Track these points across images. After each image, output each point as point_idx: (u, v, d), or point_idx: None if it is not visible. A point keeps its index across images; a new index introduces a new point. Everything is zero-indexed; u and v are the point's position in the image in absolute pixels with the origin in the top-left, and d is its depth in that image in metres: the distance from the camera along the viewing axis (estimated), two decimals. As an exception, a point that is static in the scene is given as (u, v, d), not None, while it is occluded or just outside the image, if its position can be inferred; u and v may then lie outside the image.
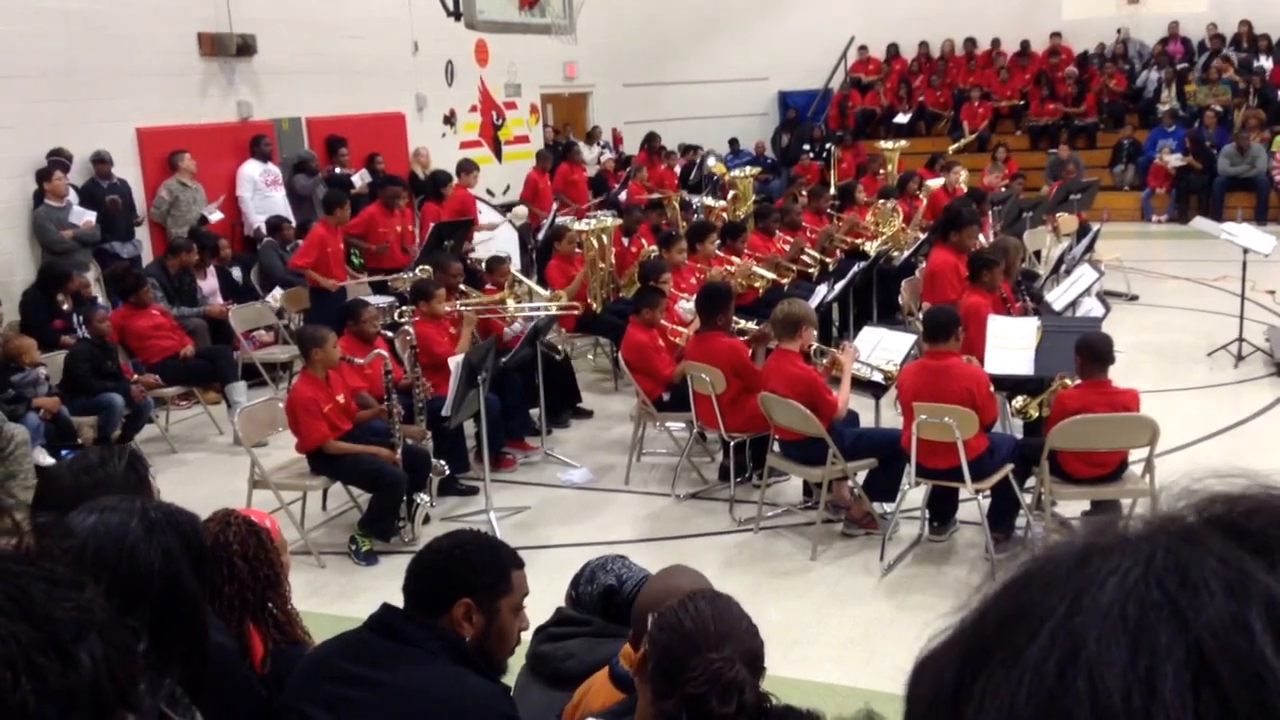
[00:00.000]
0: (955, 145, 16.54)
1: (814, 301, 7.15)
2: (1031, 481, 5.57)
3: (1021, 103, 18.27)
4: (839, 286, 8.12)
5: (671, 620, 2.02)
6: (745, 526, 6.06)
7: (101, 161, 9.73)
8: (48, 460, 6.50)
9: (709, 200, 11.86)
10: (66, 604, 0.78)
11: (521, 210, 11.95)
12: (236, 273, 9.91)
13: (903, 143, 13.73)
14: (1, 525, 0.83)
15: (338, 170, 12.00)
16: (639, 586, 2.96)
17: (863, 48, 19.87)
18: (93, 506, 1.70)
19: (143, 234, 10.26)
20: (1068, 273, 8.64)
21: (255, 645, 2.53)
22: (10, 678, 0.72)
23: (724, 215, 10.90)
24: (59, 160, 9.28)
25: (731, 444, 6.34)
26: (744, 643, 2.02)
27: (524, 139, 16.29)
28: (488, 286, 8.22)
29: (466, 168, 11.71)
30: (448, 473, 6.39)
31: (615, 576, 2.90)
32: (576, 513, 6.43)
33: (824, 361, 6.10)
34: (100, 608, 0.80)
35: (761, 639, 2.10)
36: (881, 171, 12.81)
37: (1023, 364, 5.97)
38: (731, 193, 11.92)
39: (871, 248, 9.68)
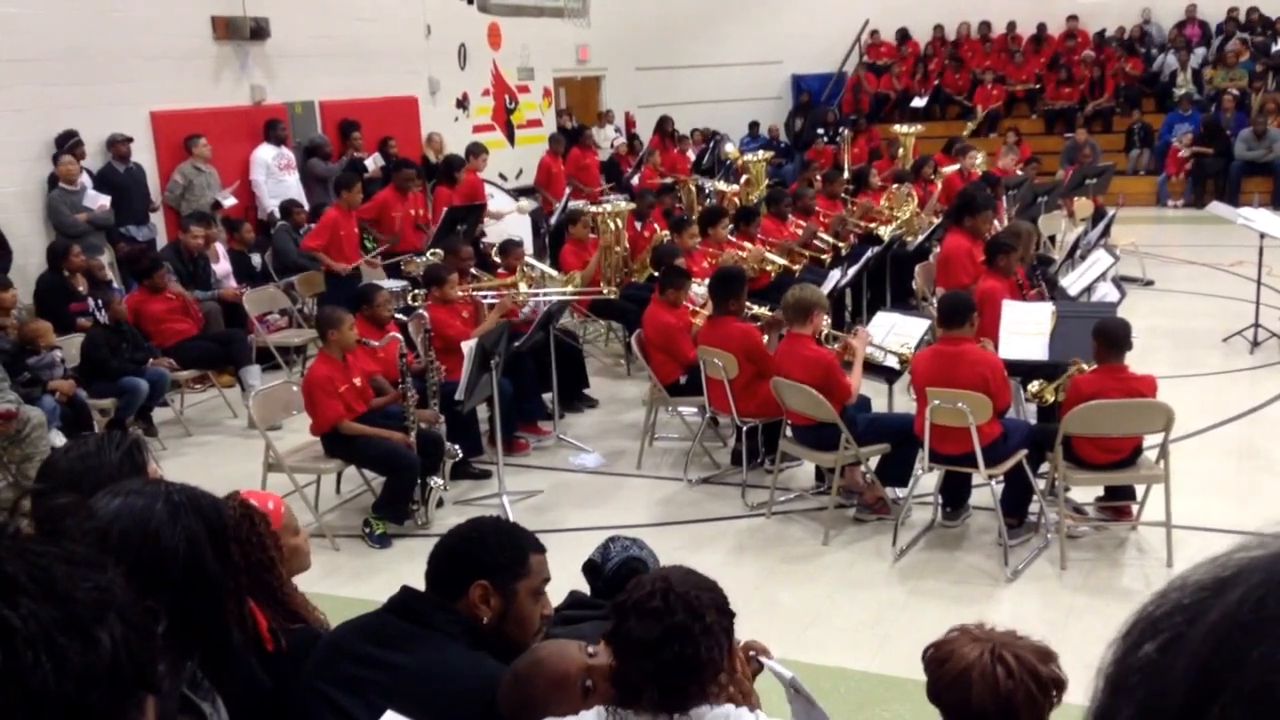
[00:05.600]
0: (968, 128, 16.42)
1: (827, 286, 7.13)
2: (1045, 467, 5.56)
3: (1037, 86, 18.16)
4: (852, 271, 8.09)
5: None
6: (757, 511, 6.07)
7: (119, 143, 9.74)
8: (63, 443, 6.53)
9: (721, 185, 11.82)
10: (87, 584, 0.78)
11: (526, 203, 11.90)
12: (256, 259, 9.93)
13: (918, 127, 13.65)
14: (3, 502, 0.83)
15: (353, 154, 12.00)
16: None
17: (874, 32, 19.76)
18: (117, 489, 1.71)
19: (157, 218, 10.29)
20: (1083, 258, 8.60)
21: (259, 621, 2.53)
22: (31, 656, 0.72)
23: (736, 200, 10.86)
24: (72, 144, 9.30)
25: (744, 429, 6.34)
26: (689, 581, 2.11)
27: (537, 123, 16.25)
28: (500, 270, 8.22)
29: (475, 151, 11.70)
30: (461, 456, 6.41)
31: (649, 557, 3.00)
32: (589, 497, 6.45)
33: (835, 347, 6.09)
34: (120, 589, 0.81)
35: (724, 595, 2.16)
36: (900, 152, 12.75)
37: (1037, 349, 5.95)
38: (744, 177, 11.88)
39: (885, 232, 9.65)
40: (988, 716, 2.10)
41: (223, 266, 9.43)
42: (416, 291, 7.51)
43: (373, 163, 11.91)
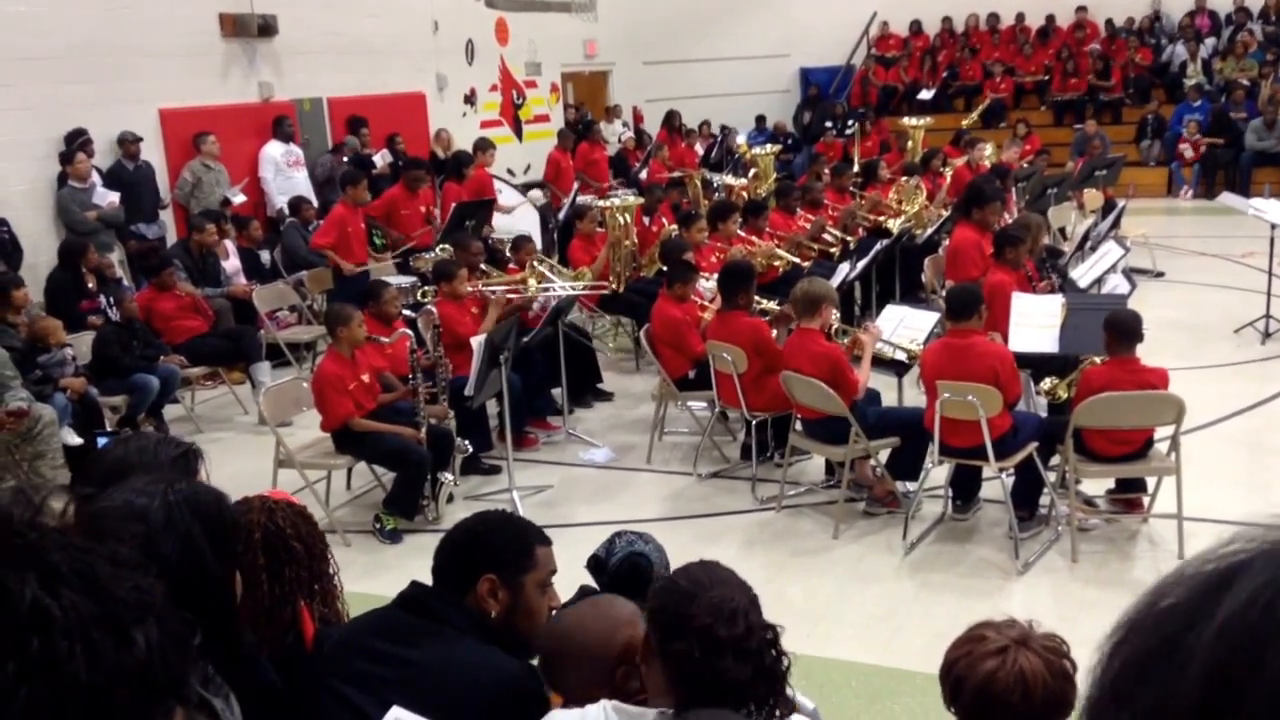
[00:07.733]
0: (969, 118, 16.31)
1: (836, 280, 7.12)
2: (1056, 460, 5.54)
3: (1045, 78, 18.09)
4: (861, 265, 8.08)
5: (665, 584, 2.11)
6: (767, 505, 6.07)
7: (128, 141, 9.76)
8: (75, 440, 6.55)
9: (729, 179, 11.81)
10: (129, 585, 0.79)
11: (536, 194, 11.94)
12: (265, 255, 9.95)
13: (927, 119, 13.61)
14: (49, 510, 0.84)
15: (359, 151, 12.01)
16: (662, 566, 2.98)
17: (883, 24, 19.69)
18: (125, 486, 1.71)
19: (166, 216, 10.31)
20: (1093, 249, 8.57)
21: (306, 623, 2.55)
22: (66, 647, 0.73)
23: (745, 194, 10.85)
24: (82, 141, 9.32)
25: (753, 423, 6.34)
26: (741, 588, 2.07)
27: (544, 118, 16.26)
28: (510, 266, 8.22)
29: (483, 146, 11.69)
30: (471, 452, 6.42)
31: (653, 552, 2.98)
32: (599, 491, 6.45)
33: (845, 341, 6.08)
34: (161, 594, 0.81)
35: (755, 596, 2.13)
36: (909, 144, 12.72)
37: (1047, 342, 5.93)
38: (752, 171, 11.87)
39: (894, 225, 9.62)
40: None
41: (232, 263, 9.45)
42: (426, 287, 7.51)
43: (381, 159, 11.92)
